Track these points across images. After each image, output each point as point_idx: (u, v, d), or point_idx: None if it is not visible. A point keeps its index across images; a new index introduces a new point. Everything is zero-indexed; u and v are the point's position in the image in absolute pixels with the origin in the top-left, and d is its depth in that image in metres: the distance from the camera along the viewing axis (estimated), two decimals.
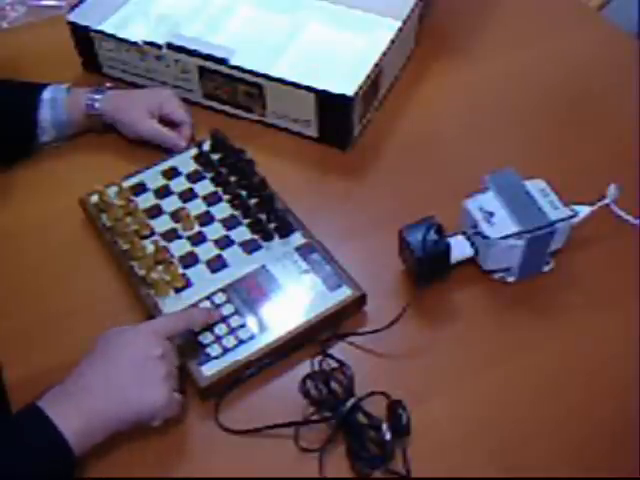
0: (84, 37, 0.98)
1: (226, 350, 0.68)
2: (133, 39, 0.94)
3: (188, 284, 0.74)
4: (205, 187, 0.83)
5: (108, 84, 0.92)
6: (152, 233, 0.79)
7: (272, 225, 0.78)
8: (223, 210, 0.81)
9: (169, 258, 0.75)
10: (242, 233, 0.78)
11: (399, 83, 1.00)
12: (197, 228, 0.79)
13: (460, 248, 0.74)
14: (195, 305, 0.71)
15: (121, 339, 0.63)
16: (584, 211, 0.76)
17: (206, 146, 0.87)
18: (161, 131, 0.89)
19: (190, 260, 0.76)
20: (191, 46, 0.91)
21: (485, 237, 0.72)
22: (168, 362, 0.63)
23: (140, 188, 0.83)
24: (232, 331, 0.69)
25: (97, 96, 0.88)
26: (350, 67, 0.94)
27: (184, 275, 0.74)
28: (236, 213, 0.80)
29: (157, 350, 0.62)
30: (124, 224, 0.78)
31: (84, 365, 0.62)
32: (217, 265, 0.75)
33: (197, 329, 0.68)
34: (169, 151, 0.88)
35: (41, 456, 0.57)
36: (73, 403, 0.59)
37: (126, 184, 0.83)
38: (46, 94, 0.87)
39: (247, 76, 0.89)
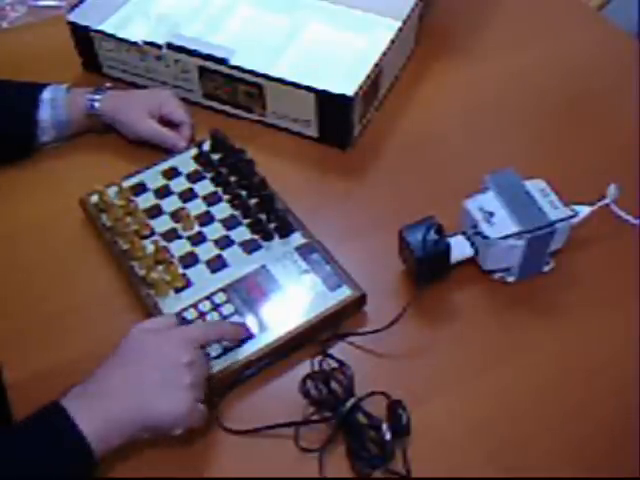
0: (84, 37, 0.98)
1: (226, 350, 0.68)
2: (133, 39, 0.94)
3: (188, 284, 0.74)
4: (205, 187, 0.83)
5: (108, 84, 0.92)
6: (152, 233, 0.79)
7: (272, 225, 0.78)
8: (223, 210, 0.81)
9: (169, 258, 0.75)
10: (242, 233, 0.78)
11: (399, 83, 1.00)
12: (197, 228, 0.79)
13: (460, 248, 0.74)
14: (195, 305, 0.71)
15: (149, 341, 0.62)
16: (584, 211, 0.76)
17: (206, 146, 0.87)
18: (160, 131, 0.89)
19: (190, 260, 0.76)
20: (191, 46, 0.91)
21: (485, 237, 0.72)
22: (195, 371, 0.61)
23: (140, 188, 0.83)
24: None
25: (97, 96, 0.88)
26: (350, 67, 0.94)
27: (184, 275, 0.74)
28: (236, 213, 0.80)
29: (186, 357, 0.60)
30: (124, 224, 0.78)
31: (107, 366, 0.61)
32: (217, 265, 0.75)
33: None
34: (169, 151, 0.88)
35: (62, 457, 0.57)
36: (93, 405, 0.58)
37: (126, 184, 0.83)
38: (46, 94, 0.87)
39: (247, 76, 0.89)
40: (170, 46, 0.92)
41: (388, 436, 0.62)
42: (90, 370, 0.69)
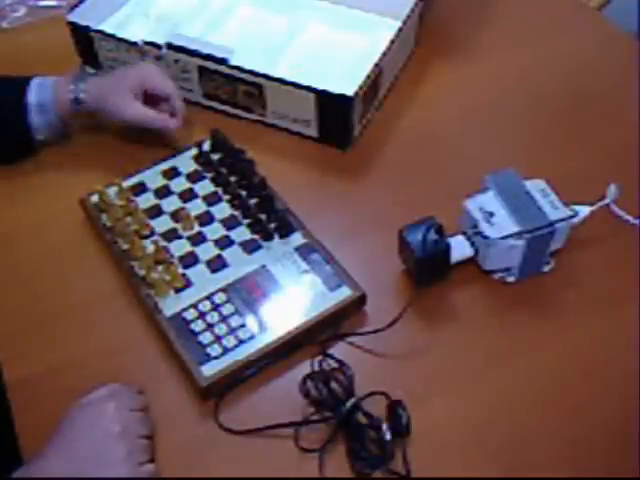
0: (84, 37, 0.98)
1: (226, 350, 0.68)
2: (133, 39, 0.94)
3: (188, 284, 0.74)
4: (205, 187, 0.83)
5: (91, 70, 0.88)
6: (152, 233, 0.79)
7: (272, 225, 0.78)
8: (223, 210, 0.81)
9: (169, 258, 0.75)
10: (242, 233, 0.78)
11: (399, 83, 1.00)
12: (197, 228, 0.79)
13: (460, 248, 0.74)
14: (195, 305, 0.71)
15: (83, 418, 0.61)
16: (584, 211, 0.76)
17: (206, 146, 0.87)
18: (148, 114, 0.86)
19: (190, 260, 0.76)
20: (191, 46, 0.91)
21: (485, 237, 0.72)
22: (130, 437, 0.60)
23: (140, 188, 0.83)
24: (232, 331, 0.69)
25: (81, 85, 0.85)
26: (350, 67, 0.94)
27: (184, 275, 0.74)
28: (236, 213, 0.80)
29: (117, 427, 0.60)
30: (124, 224, 0.78)
31: (49, 449, 0.59)
32: (217, 265, 0.75)
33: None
34: (167, 144, 0.88)
35: None
36: None
37: (126, 184, 0.83)
38: (32, 97, 0.84)
39: (247, 76, 0.89)
40: (170, 46, 0.92)
41: (388, 436, 0.62)
42: (89, 370, 0.69)
